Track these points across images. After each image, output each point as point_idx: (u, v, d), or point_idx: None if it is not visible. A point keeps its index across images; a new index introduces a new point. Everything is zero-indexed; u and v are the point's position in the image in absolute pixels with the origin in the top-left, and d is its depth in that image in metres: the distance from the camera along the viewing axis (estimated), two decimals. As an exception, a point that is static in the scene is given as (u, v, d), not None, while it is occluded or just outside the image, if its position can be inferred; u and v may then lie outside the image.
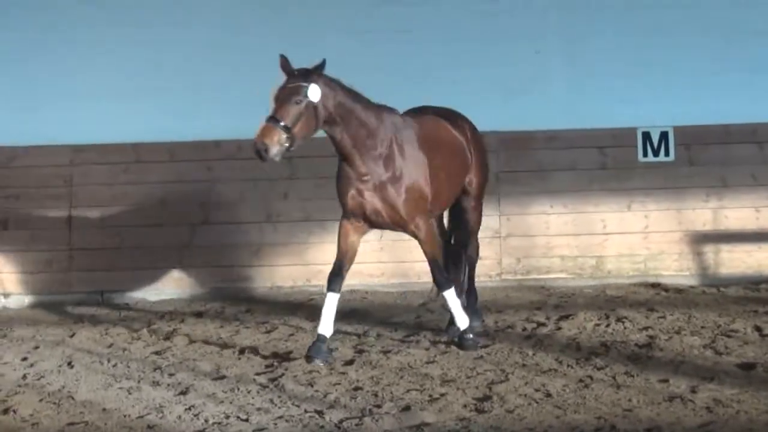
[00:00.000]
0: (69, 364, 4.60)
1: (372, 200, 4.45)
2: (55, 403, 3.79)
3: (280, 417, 3.39)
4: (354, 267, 4.71)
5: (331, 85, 4.33)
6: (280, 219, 6.81)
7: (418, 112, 4.98)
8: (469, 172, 5.05)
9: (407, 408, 3.44)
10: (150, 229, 6.76)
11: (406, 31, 7.00)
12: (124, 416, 3.53)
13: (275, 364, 4.42)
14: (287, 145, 4.12)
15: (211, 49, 6.92)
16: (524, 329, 5.13)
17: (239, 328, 5.51)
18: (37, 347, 5.12)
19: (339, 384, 3.92)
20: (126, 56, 6.97)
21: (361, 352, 4.65)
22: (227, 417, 3.42)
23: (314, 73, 4.23)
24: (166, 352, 4.83)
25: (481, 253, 5.47)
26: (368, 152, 4.41)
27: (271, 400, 3.66)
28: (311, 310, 5.79)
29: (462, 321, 4.57)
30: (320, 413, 3.41)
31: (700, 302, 5.91)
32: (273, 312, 5.92)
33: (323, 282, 4.63)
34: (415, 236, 4.61)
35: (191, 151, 6.90)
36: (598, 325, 5.14)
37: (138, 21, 6.97)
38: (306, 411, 3.46)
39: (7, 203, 6.74)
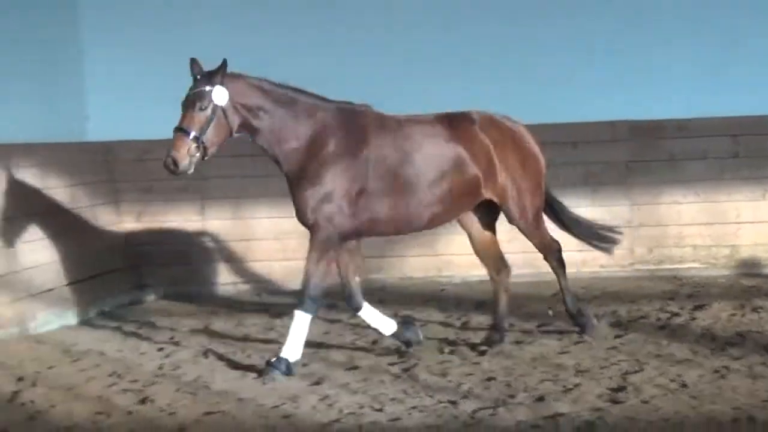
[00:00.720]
0: (204, 354, 4.65)
1: (293, 198, 4.22)
2: (191, 393, 3.85)
3: (414, 407, 3.42)
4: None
5: (243, 86, 4.04)
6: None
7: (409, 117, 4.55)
8: (483, 183, 4.42)
9: (541, 398, 3.45)
10: (283, 220, 6.70)
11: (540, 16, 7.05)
12: (260, 406, 3.57)
13: (408, 354, 4.44)
14: (198, 155, 3.91)
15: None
16: (658, 319, 5.12)
17: (373, 319, 5.62)
18: (172, 338, 5.21)
19: (472, 374, 3.97)
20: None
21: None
22: (361, 407, 3.45)
23: (217, 75, 3.93)
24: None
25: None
26: (286, 149, 4.12)
27: (405, 391, 3.69)
28: (442, 300, 5.99)
29: (290, 351, 4.03)
30: (454, 403, 3.44)
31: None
32: (404, 302, 5.92)
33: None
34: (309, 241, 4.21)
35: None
36: (733, 315, 5.08)
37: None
38: (439, 401, 3.49)
39: (141, 196, 6.95)
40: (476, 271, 5.01)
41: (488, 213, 4.65)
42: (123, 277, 6.79)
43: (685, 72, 6.86)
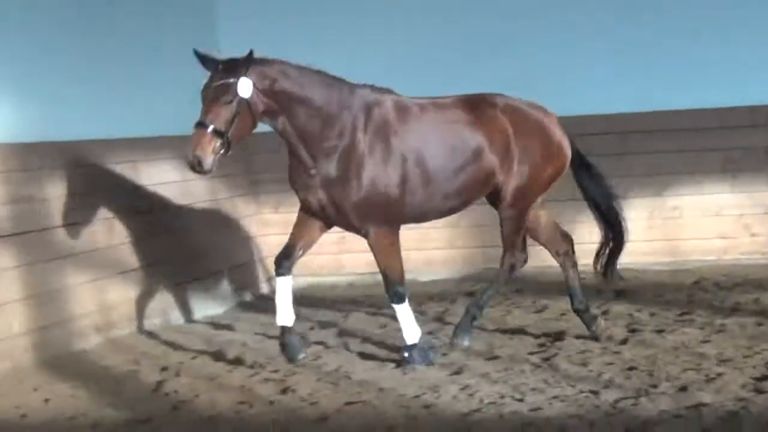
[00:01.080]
0: (344, 344, 4.66)
1: (321, 197, 3.95)
2: (332, 383, 3.84)
3: (555, 397, 3.39)
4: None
5: (268, 71, 3.75)
6: (548, 198, 6.87)
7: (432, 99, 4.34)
8: (498, 172, 4.20)
9: (683, 388, 3.39)
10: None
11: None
12: (401, 396, 3.56)
13: (547, 343, 4.40)
14: (223, 151, 3.65)
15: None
16: (803, 306, 4.78)
17: (510, 308, 5.48)
18: (312, 328, 5.21)
19: (613, 363, 3.91)
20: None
21: (634, 331, 4.59)
22: (502, 397, 3.44)
23: (242, 65, 3.63)
24: (438, 332, 4.84)
25: (754, 230, 5.40)
26: (318, 144, 3.85)
27: (545, 380, 3.66)
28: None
29: (410, 336, 4.04)
30: (595, 393, 3.40)
31: None
32: (543, 292, 5.80)
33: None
34: (369, 245, 4.09)
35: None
36: None
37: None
38: (581, 391, 3.45)
39: (279, 187, 6.59)
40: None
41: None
42: (261, 267, 7.02)
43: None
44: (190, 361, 4.57)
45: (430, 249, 6.92)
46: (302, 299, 5.99)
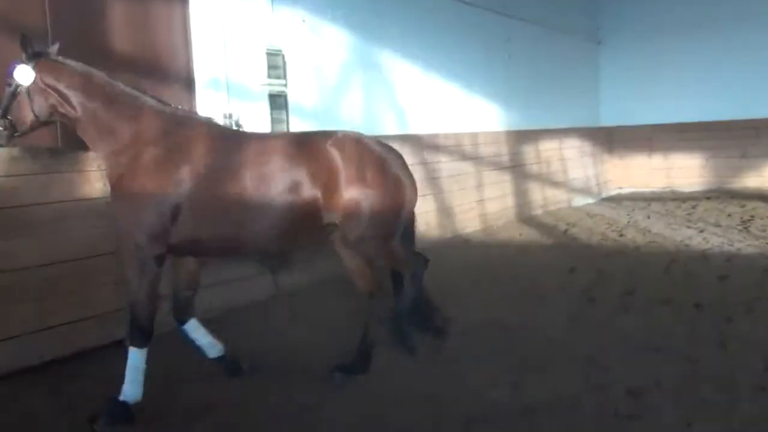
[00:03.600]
0: None
1: None
2: None
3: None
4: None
5: (57, 68, 3.69)
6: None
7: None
8: (323, 207, 3.94)
9: None
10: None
11: None
12: None
13: None
14: (6, 132, 3.68)
15: None
16: None
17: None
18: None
19: None
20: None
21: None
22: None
23: (25, 53, 3.65)
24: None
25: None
26: (101, 152, 3.78)
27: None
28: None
29: (127, 391, 3.65)
30: None
31: None
32: None
33: None
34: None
35: None
36: None
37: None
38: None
39: None
40: None
41: None
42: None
43: None
44: (579, 221, 10.34)
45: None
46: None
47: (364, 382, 4.19)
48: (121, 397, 3.62)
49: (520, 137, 10.90)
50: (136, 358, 3.64)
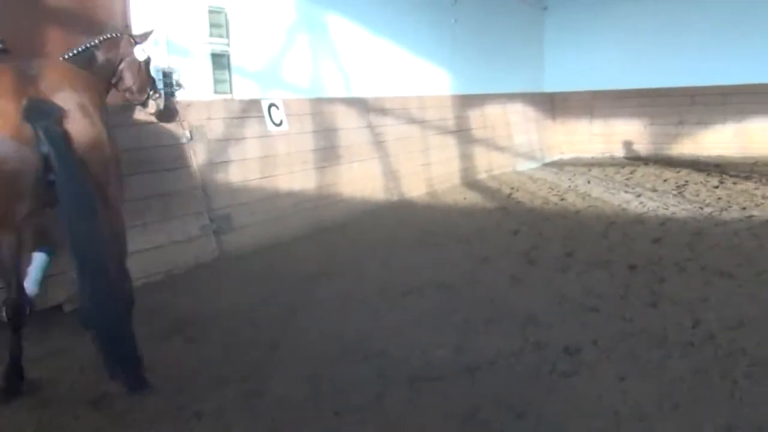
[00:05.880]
0: None
1: None
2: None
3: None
4: None
5: None
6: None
7: None
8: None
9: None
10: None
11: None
12: None
13: None
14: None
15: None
16: None
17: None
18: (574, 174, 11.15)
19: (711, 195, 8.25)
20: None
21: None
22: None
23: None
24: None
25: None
26: None
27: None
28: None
29: None
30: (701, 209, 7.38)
31: None
32: None
33: None
34: None
35: None
36: None
37: None
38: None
39: None
40: None
41: None
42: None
43: None
44: (522, 185, 10.71)
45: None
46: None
47: (311, 342, 4.23)
48: None
49: (466, 102, 10.97)
50: None
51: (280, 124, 7.06)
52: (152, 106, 4.86)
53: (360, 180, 8.32)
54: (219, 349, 4.18)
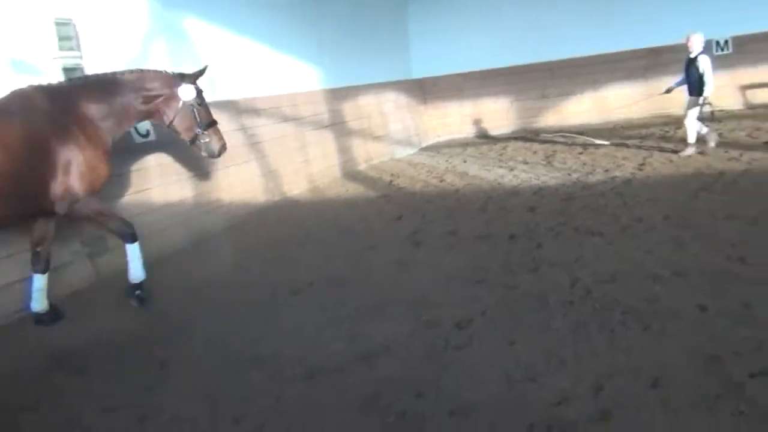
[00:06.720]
0: None
1: None
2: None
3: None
4: None
5: None
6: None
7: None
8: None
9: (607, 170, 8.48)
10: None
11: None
12: None
13: None
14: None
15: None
16: None
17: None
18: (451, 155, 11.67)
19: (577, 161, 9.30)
20: None
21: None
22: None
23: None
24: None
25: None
26: None
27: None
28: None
29: None
30: (569, 175, 8.31)
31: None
32: None
33: None
34: None
35: None
36: None
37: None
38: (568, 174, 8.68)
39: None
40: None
41: None
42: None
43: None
44: (402, 172, 10.78)
45: None
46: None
47: (202, 354, 4.11)
48: None
49: (339, 95, 10.99)
50: None
51: (147, 135, 6.77)
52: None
53: (238, 184, 8.15)
54: (106, 377, 3.98)
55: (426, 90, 14.59)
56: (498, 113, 14.23)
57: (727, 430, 2.68)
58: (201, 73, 5.42)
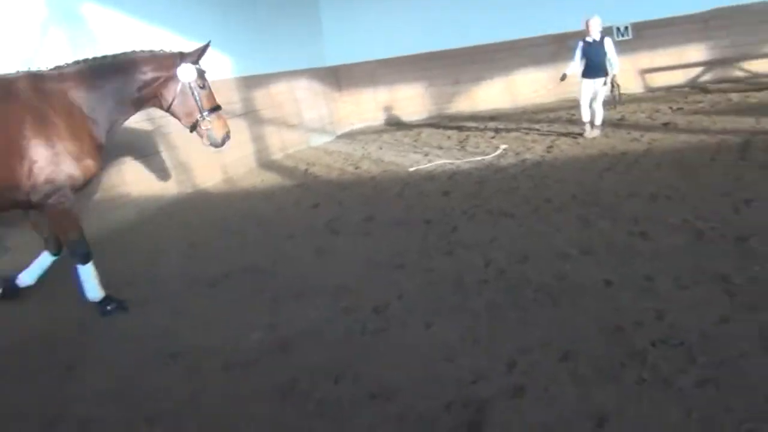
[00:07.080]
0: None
1: None
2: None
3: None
4: None
5: None
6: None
7: None
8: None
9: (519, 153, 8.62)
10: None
11: None
12: None
13: None
14: None
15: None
16: None
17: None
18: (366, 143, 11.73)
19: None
20: None
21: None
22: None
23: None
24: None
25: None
26: None
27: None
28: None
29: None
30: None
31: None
32: None
33: None
34: None
35: None
36: None
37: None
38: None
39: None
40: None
41: None
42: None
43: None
44: (319, 160, 10.77)
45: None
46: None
47: (112, 353, 3.96)
48: None
49: (251, 83, 10.79)
50: None
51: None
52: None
53: (147, 177, 7.88)
54: (8, 383, 3.77)
55: (341, 77, 14.53)
56: (412, 100, 14.35)
57: (631, 397, 2.80)
58: (203, 50, 4.91)
